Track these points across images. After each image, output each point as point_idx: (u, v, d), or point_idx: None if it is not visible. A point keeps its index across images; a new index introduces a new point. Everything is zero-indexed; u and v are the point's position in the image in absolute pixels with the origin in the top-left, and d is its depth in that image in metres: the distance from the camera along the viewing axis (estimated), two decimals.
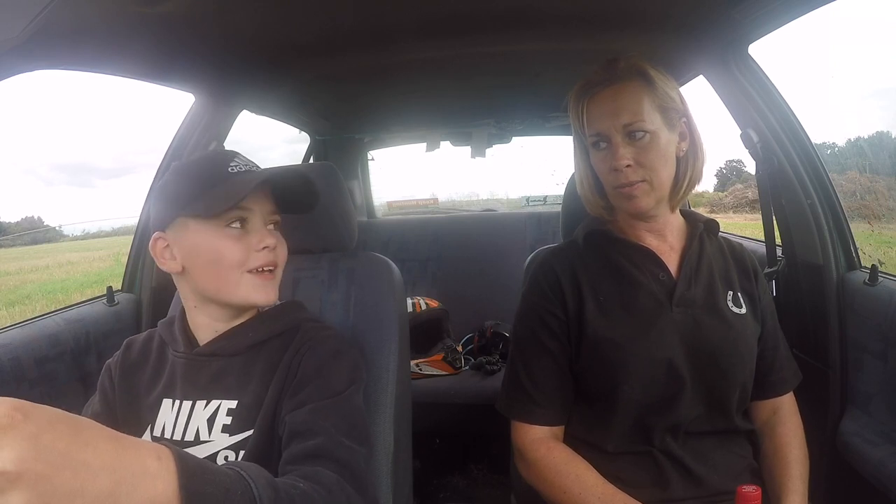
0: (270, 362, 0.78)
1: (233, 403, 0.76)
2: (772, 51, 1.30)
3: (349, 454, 0.67)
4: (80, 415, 0.82)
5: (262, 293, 0.78)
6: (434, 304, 2.05)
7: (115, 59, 1.08)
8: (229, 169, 0.76)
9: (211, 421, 0.75)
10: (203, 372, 0.78)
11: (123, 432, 0.71)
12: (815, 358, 1.18)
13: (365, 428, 0.75)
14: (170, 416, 0.77)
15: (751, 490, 0.70)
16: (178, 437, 0.75)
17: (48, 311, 1.27)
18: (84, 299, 1.39)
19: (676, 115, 0.87)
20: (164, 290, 1.38)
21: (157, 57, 1.13)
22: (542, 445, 0.88)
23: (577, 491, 0.83)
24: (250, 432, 0.74)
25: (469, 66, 1.58)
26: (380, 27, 1.22)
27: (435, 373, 1.93)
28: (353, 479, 0.65)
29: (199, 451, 0.73)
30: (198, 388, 0.78)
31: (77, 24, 0.89)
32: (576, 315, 0.90)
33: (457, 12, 1.16)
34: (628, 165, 0.84)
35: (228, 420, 0.75)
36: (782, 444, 0.91)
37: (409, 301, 1.98)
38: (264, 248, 0.77)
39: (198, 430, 0.75)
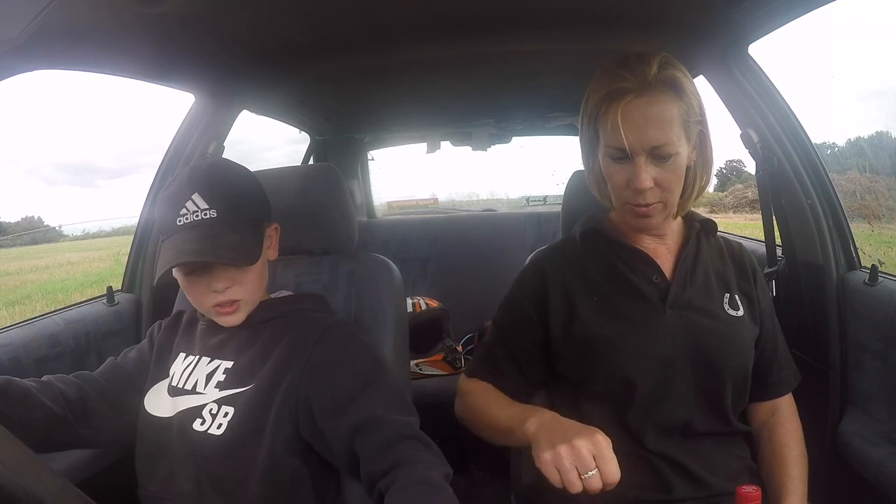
0: (272, 337, 0.86)
1: (230, 364, 0.85)
2: (772, 51, 1.30)
3: (409, 428, 0.76)
4: (123, 354, 0.94)
5: (224, 321, 0.87)
6: (434, 304, 2.05)
7: (114, 59, 1.08)
8: (178, 221, 0.82)
9: (209, 377, 0.85)
10: (215, 337, 0.89)
11: (151, 375, 0.91)
12: (815, 358, 1.18)
13: (404, 399, 0.82)
14: (180, 366, 0.88)
15: (751, 490, 0.70)
16: (181, 385, 0.86)
17: (48, 311, 1.27)
18: (84, 299, 1.39)
19: (694, 126, 0.83)
20: (164, 290, 1.38)
21: (157, 57, 1.13)
22: (472, 381, 0.95)
23: (486, 405, 0.91)
24: (238, 390, 0.82)
25: (469, 67, 1.58)
26: (380, 27, 1.22)
27: (435, 373, 1.93)
28: (425, 445, 0.75)
29: (192, 401, 0.83)
30: (207, 348, 0.88)
31: (77, 24, 0.89)
32: (563, 317, 0.90)
33: (457, 12, 1.16)
34: (649, 188, 0.81)
35: (223, 377, 0.84)
36: (781, 444, 0.91)
37: (409, 301, 1.98)
38: (214, 291, 0.84)
39: (196, 382, 0.85)
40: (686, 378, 0.86)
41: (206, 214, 0.81)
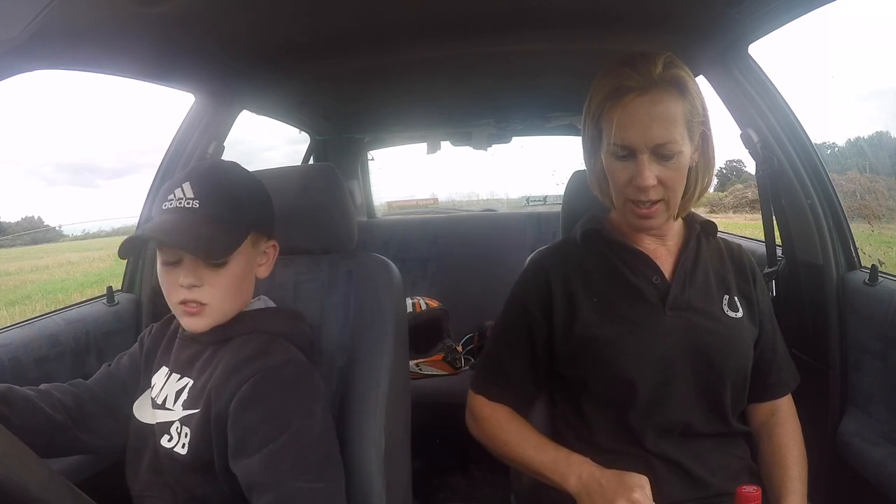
0: (225, 357, 0.83)
1: (191, 382, 0.84)
2: (772, 51, 1.30)
3: (308, 498, 0.72)
4: (116, 360, 0.93)
5: (187, 322, 0.83)
6: (434, 303, 2.04)
7: (115, 59, 1.08)
8: (163, 206, 0.81)
9: (178, 394, 0.84)
10: (186, 352, 0.87)
11: (142, 380, 0.90)
12: (815, 358, 1.18)
13: (324, 456, 0.77)
14: (159, 380, 0.87)
15: (751, 490, 0.70)
16: (157, 398, 0.85)
17: (48, 311, 1.27)
18: (84, 299, 1.38)
19: (697, 126, 0.83)
20: None
21: (157, 57, 1.13)
22: (488, 406, 0.95)
23: (517, 441, 0.90)
24: (192, 411, 0.81)
25: (469, 67, 1.58)
26: (380, 27, 1.22)
27: (435, 373, 1.93)
28: None
29: (164, 416, 0.83)
30: (179, 363, 0.87)
31: (77, 24, 0.89)
32: (565, 316, 0.90)
33: (457, 12, 1.16)
34: (652, 186, 0.81)
35: (187, 396, 0.83)
36: (781, 445, 0.91)
37: (409, 301, 1.98)
38: (181, 286, 0.80)
39: (166, 398, 0.84)
40: (686, 379, 0.86)
41: (188, 203, 0.79)
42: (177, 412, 0.82)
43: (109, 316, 1.31)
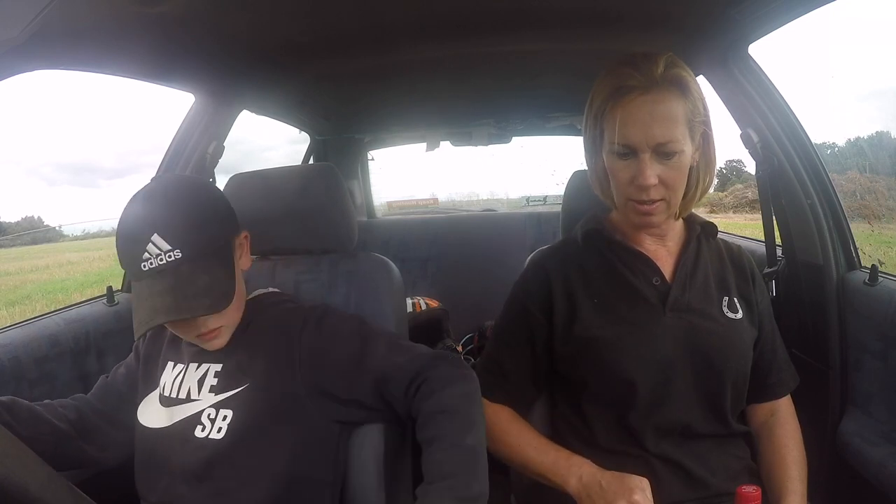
0: (256, 333, 0.87)
1: (218, 367, 0.85)
2: (772, 51, 1.30)
3: (420, 359, 0.84)
4: (112, 371, 0.93)
5: (209, 346, 0.85)
6: (434, 303, 2.05)
7: (115, 59, 1.08)
8: (143, 266, 0.76)
9: (200, 382, 0.84)
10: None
11: (141, 387, 0.91)
12: (815, 358, 1.18)
13: (401, 339, 0.91)
14: (170, 376, 0.87)
15: (751, 490, 0.70)
16: (174, 394, 0.85)
17: (48, 311, 1.27)
18: (84, 299, 1.38)
19: (699, 126, 0.83)
20: None
21: (157, 57, 1.13)
22: (489, 407, 0.93)
23: (517, 443, 0.91)
24: (233, 392, 0.82)
25: (469, 67, 1.58)
26: (380, 27, 1.22)
27: None
28: (450, 365, 0.84)
29: (189, 409, 0.83)
30: (194, 353, 0.87)
31: (77, 24, 0.89)
32: (565, 316, 0.91)
33: (457, 12, 1.16)
34: (654, 185, 0.81)
35: (215, 381, 0.84)
36: (780, 445, 0.91)
37: (409, 301, 1.98)
38: (194, 326, 0.81)
39: (189, 390, 0.84)
40: (686, 379, 0.86)
41: (170, 256, 0.75)
42: (205, 400, 0.83)
43: (109, 316, 1.31)
